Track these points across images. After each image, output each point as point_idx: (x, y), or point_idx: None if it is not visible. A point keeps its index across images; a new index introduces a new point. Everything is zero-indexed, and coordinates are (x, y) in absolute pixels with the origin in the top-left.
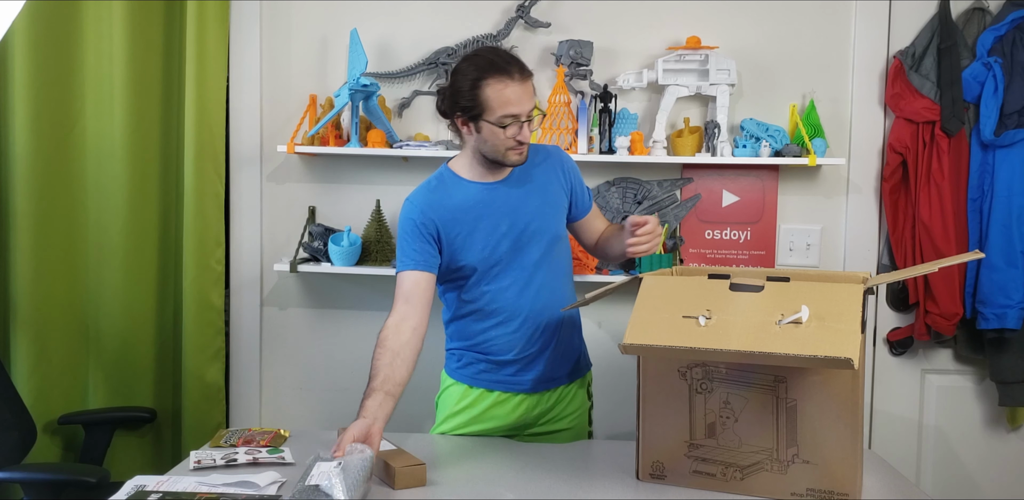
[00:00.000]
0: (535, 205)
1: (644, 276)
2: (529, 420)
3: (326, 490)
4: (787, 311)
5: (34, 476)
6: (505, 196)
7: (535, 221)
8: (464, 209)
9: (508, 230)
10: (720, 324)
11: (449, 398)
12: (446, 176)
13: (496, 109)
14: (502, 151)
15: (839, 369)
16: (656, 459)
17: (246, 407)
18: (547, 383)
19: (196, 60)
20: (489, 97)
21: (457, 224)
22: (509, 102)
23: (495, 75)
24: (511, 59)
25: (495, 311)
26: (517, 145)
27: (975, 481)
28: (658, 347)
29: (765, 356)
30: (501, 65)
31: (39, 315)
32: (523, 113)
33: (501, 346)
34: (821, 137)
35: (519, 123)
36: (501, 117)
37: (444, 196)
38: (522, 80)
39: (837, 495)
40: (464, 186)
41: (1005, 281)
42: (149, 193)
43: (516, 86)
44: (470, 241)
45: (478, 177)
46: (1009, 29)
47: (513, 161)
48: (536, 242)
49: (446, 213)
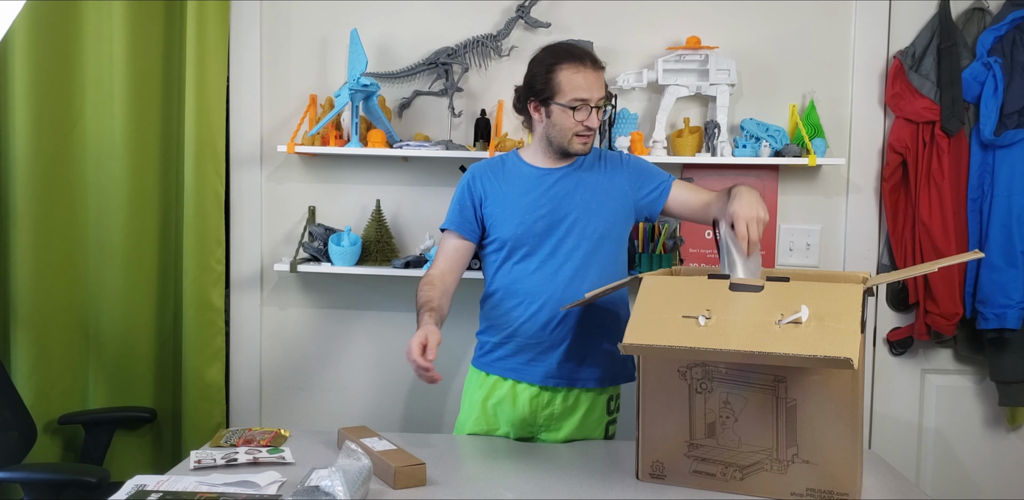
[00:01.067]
0: (584, 198)
1: (644, 276)
2: (540, 420)
3: (327, 490)
4: (787, 311)
5: (34, 476)
6: (557, 182)
7: (577, 212)
8: (513, 184)
9: (547, 214)
10: (720, 324)
11: (469, 386)
12: (510, 156)
13: (568, 92)
14: (569, 136)
15: (839, 369)
16: (656, 459)
17: (246, 407)
18: (558, 379)
19: (196, 60)
20: (562, 81)
21: (501, 196)
22: (580, 86)
23: (569, 61)
24: (586, 51)
25: (518, 291)
26: (585, 130)
27: (975, 481)
28: (658, 347)
29: (765, 356)
30: (576, 53)
31: (39, 315)
32: (593, 99)
33: (518, 326)
34: (821, 137)
35: (588, 108)
36: (572, 99)
37: (500, 169)
38: (595, 69)
39: (837, 495)
40: (522, 166)
41: (1005, 281)
42: (149, 193)
43: (589, 72)
44: (508, 214)
45: (539, 163)
46: (1009, 29)
47: (577, 149)
48: (574, 233)
49: (496, 183)
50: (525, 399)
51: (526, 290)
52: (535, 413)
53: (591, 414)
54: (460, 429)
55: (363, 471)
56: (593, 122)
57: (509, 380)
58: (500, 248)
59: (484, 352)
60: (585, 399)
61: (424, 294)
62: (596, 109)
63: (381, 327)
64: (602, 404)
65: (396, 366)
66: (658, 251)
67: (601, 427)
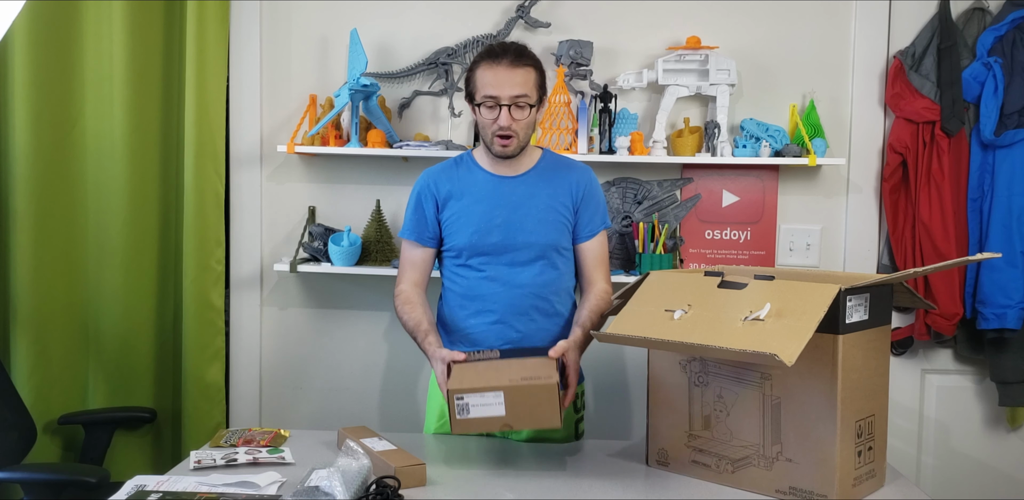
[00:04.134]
0: (538, 209)
1: (652, 273)
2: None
3: (326, 490)
4: (757, 308)
5: (34, 476)
6: (510, 191)
7: (531, 223)
8: (467, 191)
9: (502, 223)
10: (692, 318)
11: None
12: (464, 158)
13: (480, 89)
14: (489, 137)
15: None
16: (661, 447)
17: (246, 407)
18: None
19: (196, 60)
20: (477, 79)
21: (456, 202)
22: (489, 84)
23: (487, 59)
24: (510, 47)
25: (475, 298)
26: (500, 130)
27: (975, 481)
28: (619, 336)
29: (703, 348)
30: (496, 51)
31: (39, 315)
32: (502, 96)
33: (475, 334)
34: (821, 137)
35: (497, 107)
36: (482, 96)
37: (454, 174)
38: (512, 66)
39: (816, 495)
40: (476, 171)
41: (1005, 281)
42: (149, 193)
43: (502, 70)
44: (464, 222)
45: (491, 168)
46: (1009, 29)
47: (496, 150)
48: (529, 245)
49: (450, 188)
50: None
51: (483, 297)
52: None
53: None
54: (428, 428)
55: (363, 471)
56: (503, 121)
57: None
58: (457, 255)
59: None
60: None
61: (411, 316)
62: (510, 107)
63: (381, 327)
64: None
65: (396, 366)
66: (658, 251)
67: (570, 426)
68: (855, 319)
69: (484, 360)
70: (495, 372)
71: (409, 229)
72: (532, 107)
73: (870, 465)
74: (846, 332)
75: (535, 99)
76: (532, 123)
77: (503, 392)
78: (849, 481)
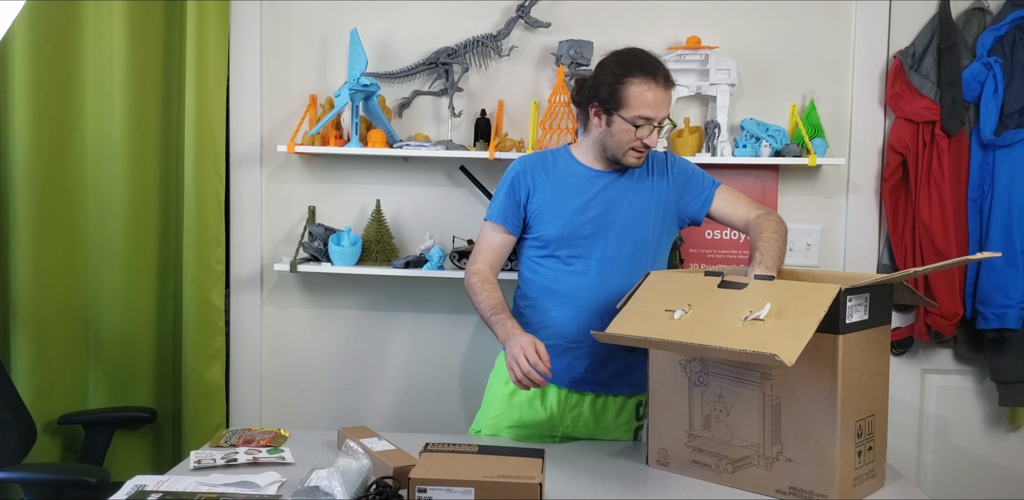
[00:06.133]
0: (632, 204)
1: (652, 272)
2: (567, 420)
3: (326, 490)
4: (757, 308)
5: (34, 476)
6: (608, 186)
7: (624, 218)
8: (562, 182)
9: (596, 217)
10: (692, 318)
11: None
12: (561, 152)
13: (634, 108)
14: (624, 150)
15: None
16: (662, 447)
17: (246, 407)
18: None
19: (196, 60)
20: (630, 95)
21: (550, 192)
22: (647, 104)
23: (641, 75)
24: (659, 65)
25: (559, 292)
26: (642, 147)
27: (975, 481)
28: (619, 336)
29: (703, 348)
30: (649, 67)
31: (39, 315)
32: (657, 117)
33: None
34: (821, 137)
35: (651, 126)
36: (636, 116)
37: (551, 164)
38: (665, 86)
39: (816, 495)
40: (572, 165)
41: (1005, 281)
42: (149, 193)
43: (659, 90)
44: (556, 213)
45: (590, 164)
46: (1009, 29)
47: (631, 163)
48: (621, 239)
49: (545, 178)
50: (553, 399)
51: (568, 292)
52: (562, 414)
53: (619, 418)
54: (480, 422)
55: (363, 471)
56: (653, 141)
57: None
58: (544, 246)
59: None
60: (613, 404)
61: (489, 295)
62: (658, 128)
63: (381, 327)
64: (630, 410)
65: (396, 366)
66: None
67: (629, 432)
68: (855, 319)
69: (458, 452)
70: (469, 466)
71: (497, 213)
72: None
73: (870, 465)
74: (846, 332)
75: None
76: None
77: (474, 488)
78: (849, 481)
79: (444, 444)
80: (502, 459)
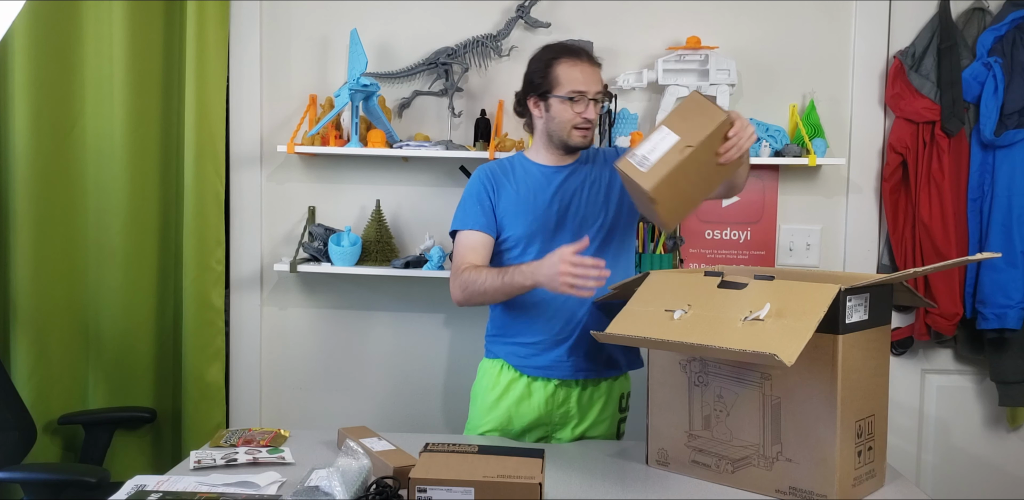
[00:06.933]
0: (592, 193)
1: (651, 272)
2: (555, 418)
3: (326, 490)
4: (757, 308)
5: (34, 476)
6: (565, 179)
7: (586, 208)
8: (523, 183)
9: (559, 209)
10: (692, 318)
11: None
12: (516, 157)
13: (565, 84)
14: (568, 129)
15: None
16: (661, 447)
17: (246, 407)
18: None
19: (196, 60)
20: (560, 74)
21: (513, 194)
22: (577, 79)
23: (566, 55)
24: (582, 47)
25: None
26: (583, 123)
27: (975, 481)
28: (619, 336)
29: (703, 348)
30: (574, 48)
31: (39, 315)
32: (590, 91)
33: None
34: (821, 137)
35: (586, 100)
36: (570, 91)
37: (510, 170)
38: (591, 64)
39: (816, 495)
40: (529, 166)
41: (1005, 281)
42: (149, 193)
43: (586, 66)
44: (522, 211)
45: (545, 162)
46: (1009, 29)
47: (577, 142)
48: (585, 228)
49: (507, 183)
50: (540, 398)
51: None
52: (551, 412)
53: (605, 411)
54: (473, 429)
55: (363, 471)
56: (591, 114)
57: (524, 378)
58: (515, 246)
59: (498, 348)
60: (599, 396)
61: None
62: (594, 102)
63: (381, 327)
64: (615, 401)
65: (397, 366)
66: (658, 251)
67: (614, 425)
68: (855, 319)
69: (458, 452)
70: (469, 466)
71: (470, 219)
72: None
73: (870, 465)
74: (846, 332)
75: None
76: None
77: (474, 488)
78: (849, 481)
79: (444, 444)
80: (502, 459)
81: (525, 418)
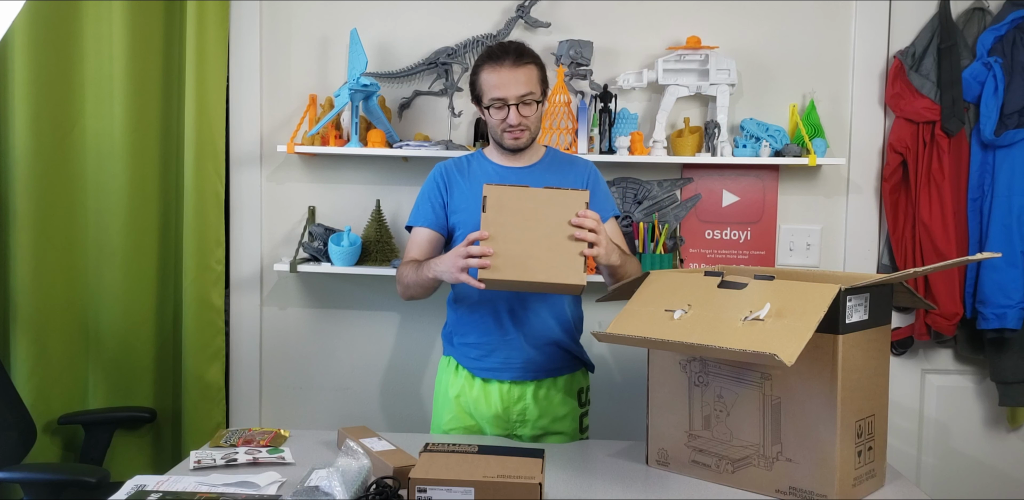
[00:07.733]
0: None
1: (651, 272)
2: (513, 415)
3: (326, 490)
4: (757, 308)
5: (34, 476)
6: (518, 180)
7: None
8: (477, 180)
9: None
10: (692, 318)
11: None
12: (476, 155)
13: (487, 93)
14: (499, 134)
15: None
16: (661, 447)
17: (246, 407)
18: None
19: (196, 60)
20: (483, 82)
21: (466, 191)
22: (495, 86)
23: (488, 62)
24: (509, 48)
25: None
26: (509, 128)
27: (975, 481)
28: (619, 336)
29: (703, 348)
30: (496, 53)
31: (39, 315)
32: (508, 96)
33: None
34: (821, 137)
35: (505, 107)
36: (490, 99)
37: (466, 167)
38: (514, 66)
39: (816, 496)
40: (485, 164)
41: (1005, 281)
42: (149, 193)
43: (505, 71)
44: (472, 210)
45: (502, 162)
46: (1009, 29)
47: (509, 144)
48: None
49: (460, 180)
50: (496, 396)
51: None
52: (508, 409)
53: (564, 406)
54: (437, 427)
55: (363, 471)
56: (512, 119)
57: (478, 378)
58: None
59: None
60: (555, 391)
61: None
62: (518, 106)
63: (381, 327)
64: (573, 396)
65: (396, 366)
66: (658, 251)
67: (576, 420)
68: (855, 319)
69: (458, 452)
70: (469, 466)
71: (421, 216)
72: (538, 102)
73: (870, 465)
74: (846, 332)
75: (540, 94)
76: (540, 116)
77: (474, 488)
78: (849, 481)
79: (444, 444)
80: (502, 459)
81: (484, 416)
